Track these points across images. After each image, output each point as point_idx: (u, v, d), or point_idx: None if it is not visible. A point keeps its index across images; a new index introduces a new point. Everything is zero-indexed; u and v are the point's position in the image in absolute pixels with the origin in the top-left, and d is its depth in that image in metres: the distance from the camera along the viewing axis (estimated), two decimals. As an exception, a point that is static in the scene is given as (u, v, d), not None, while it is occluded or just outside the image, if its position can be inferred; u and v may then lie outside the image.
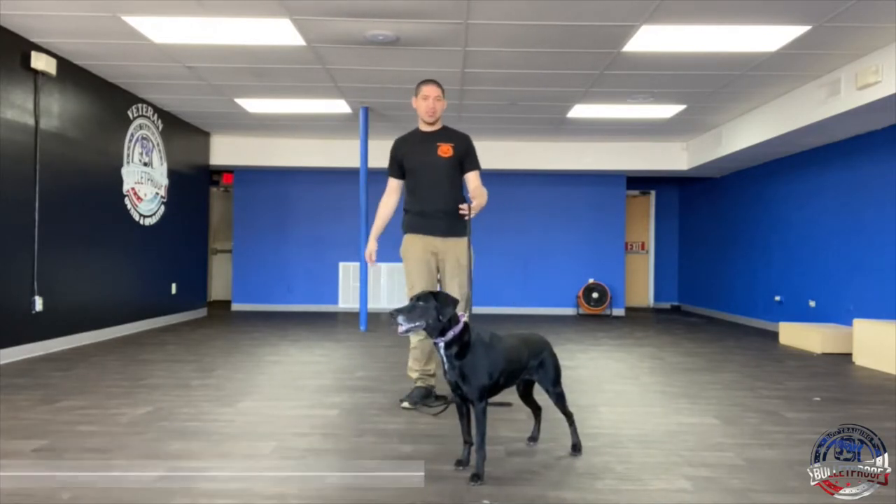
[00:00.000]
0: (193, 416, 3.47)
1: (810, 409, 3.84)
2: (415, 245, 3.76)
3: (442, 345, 2.56)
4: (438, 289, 3.80)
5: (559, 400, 2.86)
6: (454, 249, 3.70)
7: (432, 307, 2.53)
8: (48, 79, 5.51)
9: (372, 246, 3.89)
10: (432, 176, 3.72)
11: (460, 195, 3.73)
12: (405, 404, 3.74)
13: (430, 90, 3.73)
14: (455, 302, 2.61)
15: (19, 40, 5.16)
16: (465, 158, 3.78)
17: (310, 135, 9.02)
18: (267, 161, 9.35)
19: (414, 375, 3.89)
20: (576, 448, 2.88)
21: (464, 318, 2.62)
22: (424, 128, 3.82)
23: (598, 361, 5.56)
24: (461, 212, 3.51)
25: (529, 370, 2.81)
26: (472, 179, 3.78)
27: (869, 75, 5.15)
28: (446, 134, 3.82)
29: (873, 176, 6.32)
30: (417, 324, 2.52)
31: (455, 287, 3.72)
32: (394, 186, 3.91)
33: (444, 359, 2.58)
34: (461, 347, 2.56)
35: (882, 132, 6.20)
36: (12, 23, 4.93)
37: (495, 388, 2.64)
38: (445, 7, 4.48)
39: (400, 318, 2.51)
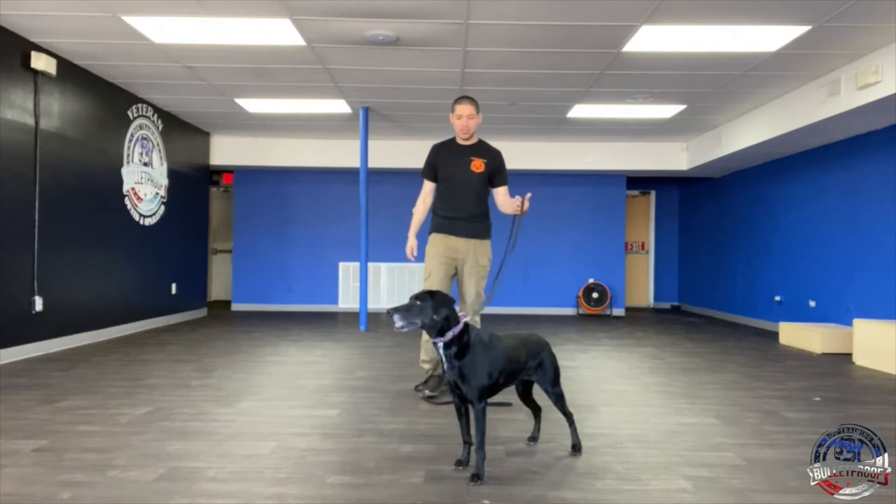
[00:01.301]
0: (193, 416, 3.47)
1: (810, 409, 3.85)
2: (437, 244, 4.08)
3: (441, 344, 2.57)
4: (454, 284, 4.12)
5: (558, 400, 2.86)
6: (474, 250, 4.03)
7: (429, 307, 2.54)
8: (48, 79, 5.51)
9: (412, 242, 4.16)
10: (463, 187, 4.06)
11: (485, 204, 4.09)
12: (426, 392, 3.98)
13: (463, 109, 4.00)
14: (451, 302, 2.61)
15: (19, 40, 5.17)
16: (496, 175, 4.10)
17: (310, 135, 9.03)
18: (267, 161, 9.36)
19: (426, 367, 4.17)
20: (576, 448, 2.88)
21: (464, 319, 2.62)
22: (461, 141, 4.13)
23: (597, 361, 5.56)
24: (518, 202, 3.71)
25: (528, 371, 2.81)
26: (500, 193, 4.09)
27: (869, 75, 5.15)
28: (480, 149, 4.12)
29: (873, 176, 6.32)
30: (414, 322, 2.54)
31: (471, 285, 4.04)
32: (429, 189, 4.20)
33: (444, 358, 2.59)
34: (460, 348, 2.57)
35: (882, 132, 6.20)
36: (12, 23, 4.93)
37: (494, 388, 2.64)
38: (445, 7, 4.48)
39: (396, 317, 2.54)
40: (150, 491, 2.40)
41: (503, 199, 4.03)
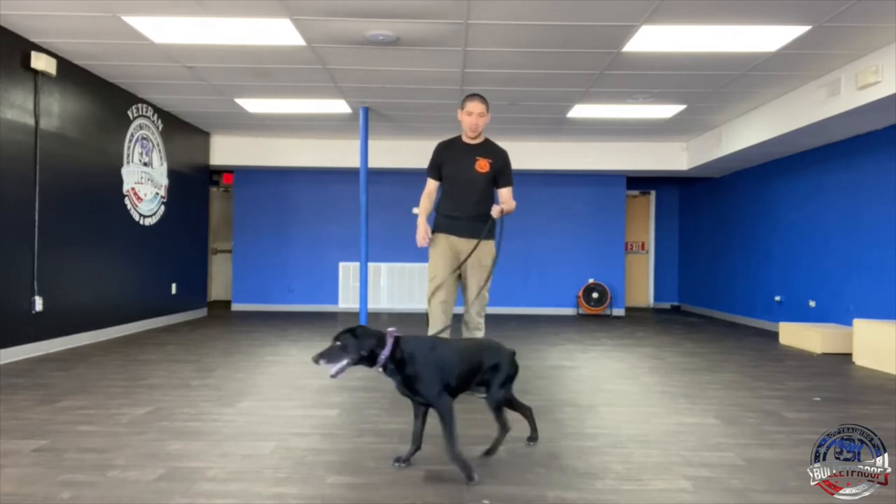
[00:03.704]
0: (193, 416, 3.47)
1: (810, 409, 3.85)
2: (441, 243, 4.04)
3: (380, 370, 2.60)
4: (458, 283, 4.08)
5: (498, 405, 2.78)
6: (477, 250, 3.95)
7: (351, 344, 2.55)
8: (48, 79, 5.51)
9: (424, 226, 4.05)
10: (466, 186, 4.01)
11: (489, 204, 4.00)
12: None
13: (474, 106, 3.96)
14: (374, 333, 2.59)
15: (19, 40, 5.16)
16: (500, 175, 4.07)
17: (310, 135, 9.02)
18: (267, 161, 9.35)
19: None
20: (493, 451, 2.84)
21: (394, 335, 2.61)
22: (467, 139, 4.07)
23: (598, 361, 5.56)
24: (491, 212, 3.88)
25: (485, 372, 2.77)
26: (503, 194, 4.08)
27: (869, 75, 5.15)
28: (486, 149, 4.08)
29: (873, 176, 6.32)
30: (343, 363, 2.54)
31: (475, 286, 3.99)
32: (432, 188, 4.15)
33: (391, 378, 2.64)
34: (397, 364, 2.59)
35: (882, 132, 6.20)
36: (12, 23, 4.93)
37: (448, 386, 2.62)
38: (445, 7, 4.48)
39: (321, 362, 2.55)
40: (150, 491, 2.40)
41: (506, 199, 4.01)
